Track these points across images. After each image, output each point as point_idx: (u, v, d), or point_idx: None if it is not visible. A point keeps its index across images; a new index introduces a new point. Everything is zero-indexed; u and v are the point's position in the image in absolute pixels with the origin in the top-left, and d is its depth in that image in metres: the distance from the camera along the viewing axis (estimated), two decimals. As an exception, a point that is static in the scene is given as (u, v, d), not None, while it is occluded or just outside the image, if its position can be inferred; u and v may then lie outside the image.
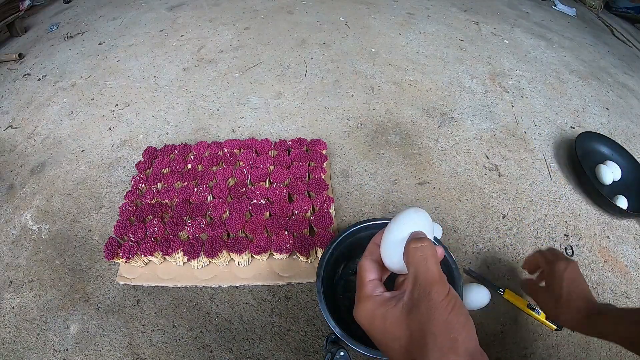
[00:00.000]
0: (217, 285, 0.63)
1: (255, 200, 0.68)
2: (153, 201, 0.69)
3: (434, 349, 0.24)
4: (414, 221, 0.31)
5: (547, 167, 0.87)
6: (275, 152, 0.79)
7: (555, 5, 1.78)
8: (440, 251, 0.29)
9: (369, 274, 0.31)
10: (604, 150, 0.89)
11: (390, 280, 0.34)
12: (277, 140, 0.81)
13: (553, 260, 0.52)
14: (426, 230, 0.31)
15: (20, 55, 1.24)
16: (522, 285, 0.57)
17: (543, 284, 0.53)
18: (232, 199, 0.69)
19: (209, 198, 0.69)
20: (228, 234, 0.65)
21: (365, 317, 0.29)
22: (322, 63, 1.16)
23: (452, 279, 0.53)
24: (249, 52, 1.20)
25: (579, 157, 0.80)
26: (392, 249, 0.31)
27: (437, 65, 1.18)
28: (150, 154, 0.78)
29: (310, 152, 0.78)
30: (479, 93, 1.08)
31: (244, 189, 0.70)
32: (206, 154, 0.78)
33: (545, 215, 0.77)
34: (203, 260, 0.62)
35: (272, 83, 1.07)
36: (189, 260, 0.60)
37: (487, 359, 0.26)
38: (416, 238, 0.29)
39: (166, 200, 0.69)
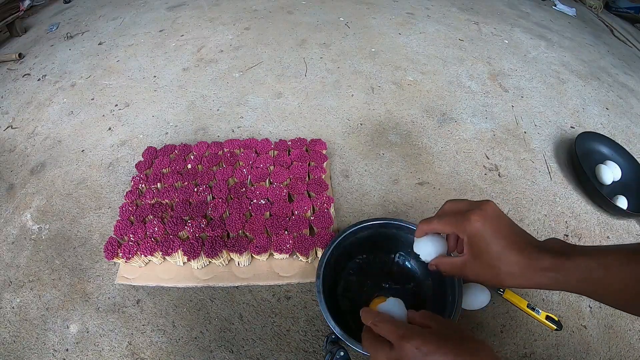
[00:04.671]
0: (217, 285, 0.63)
1: (255, 200, 0.68)
2: (153, 201, 0.69)
3: None
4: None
5: (547, 167, 0.87)
6: (275, 152, 0.79)
7: (555, 5, 1.78)
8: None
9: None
10: (604, 150, 0.89)
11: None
12: (277, 140, 0.81)
13: (456, 214, 0.40)
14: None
15: (20, 55, 1.24)
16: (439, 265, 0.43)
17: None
18: (232, 199, 0.69)
19: (209, 198, 0.69)
20: (228, 234, 0.65)
21: None
22: (322, 63, 1.16)
23: (452, 280, 0.53)
24: (249, 52, 1.20)
25: (579, 157, 0.80)
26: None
27: (437, 65, 1.18)
28: (150, 154, 0.78)
29: (310, 152, 0.78)
30: (479, 93, 1.08)
31: (244, 189, 0.70)
32: (206, 154, 0.78)
33: (545, 215, 0.77)
34: (203, 260, 0.62)
35: (272, 83, 1.07)
36: (189, 260, 0.60)
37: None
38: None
39: (166, 200, 0.69)
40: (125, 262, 0.61)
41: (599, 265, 0.33)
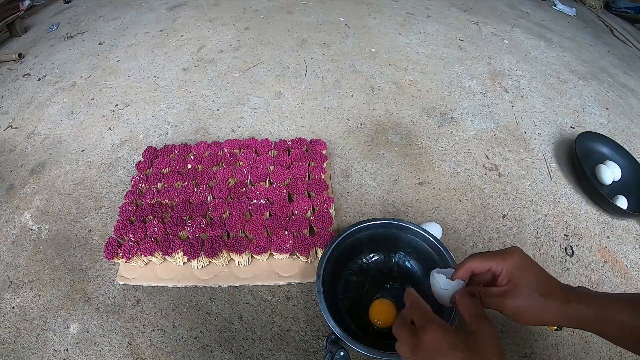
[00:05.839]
0: (217, 285, 0.63)
1: (255, 200, 0.68)
2: (153, 201, 0.69)
3: None
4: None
5: (547, 167, 0.87)
6: (275, 152, 0.79)
7: (555, 5, 1.78)
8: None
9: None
10: (604, 150, 0.89)
11: None
12: (277, 140, 0.81)
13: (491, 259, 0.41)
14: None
15: (20, 55, 1.24)
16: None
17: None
18: (232, 199, 0.69)
19: (209, 198, 0.69)
20: (228, 234, 0.65)
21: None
22: (322, 63, 1.16)
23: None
24: (249, 52, 1.20)
25: (579, 157, 0.80)
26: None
27: (437, 65, 1.18)
28: (150, 154, 0.78)
29: (310, 152, 0.78)
30: (479, 93, 1.08)
31: (244, 189, 0.70)
32: (206, 154, 0.78)
33: (545, 215, 0.77)
34: (203, 260, 0.62)
35: (272, 83, 1.07)
36: (189, 260, 0.60)
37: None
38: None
39: (166, 200, 0.69)
40: (125, 262, 0.61)
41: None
